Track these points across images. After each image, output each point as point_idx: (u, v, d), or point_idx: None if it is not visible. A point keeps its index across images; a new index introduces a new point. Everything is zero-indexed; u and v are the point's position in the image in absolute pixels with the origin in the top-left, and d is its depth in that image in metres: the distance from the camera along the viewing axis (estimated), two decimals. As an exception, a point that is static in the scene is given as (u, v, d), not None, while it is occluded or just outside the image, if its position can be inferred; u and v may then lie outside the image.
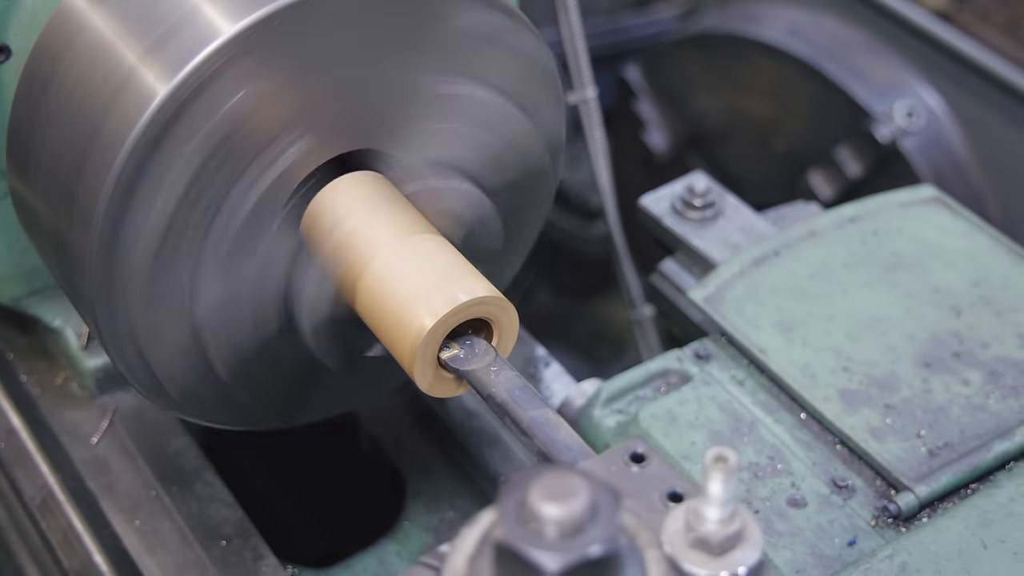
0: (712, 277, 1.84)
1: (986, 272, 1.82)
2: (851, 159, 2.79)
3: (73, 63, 1.51)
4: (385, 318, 1.50)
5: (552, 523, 0.98)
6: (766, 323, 1.76)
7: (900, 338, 1.73)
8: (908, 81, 2.78)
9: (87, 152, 1.46)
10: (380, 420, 2.07)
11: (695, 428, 1.65)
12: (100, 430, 1.93)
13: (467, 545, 1.04)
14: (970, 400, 1.65)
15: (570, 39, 2.46)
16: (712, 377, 1.72)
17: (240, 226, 1.52)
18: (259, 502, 1.93)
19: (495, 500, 1.01)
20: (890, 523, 1.55)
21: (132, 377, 1.58)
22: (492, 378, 1.47)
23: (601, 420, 1.73)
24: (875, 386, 1.67)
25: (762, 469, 1.60)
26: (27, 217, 1.64)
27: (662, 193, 2.04)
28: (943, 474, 1.56)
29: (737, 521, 1.06)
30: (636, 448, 1.24)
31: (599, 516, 0.99)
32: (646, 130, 3.19)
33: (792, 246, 1.87)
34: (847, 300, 1.78)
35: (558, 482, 0.99)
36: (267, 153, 1.49)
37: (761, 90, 2.94)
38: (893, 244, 1.87)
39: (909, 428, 1.62)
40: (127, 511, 1.82)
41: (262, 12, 1.41)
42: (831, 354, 1.71)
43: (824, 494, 1.58)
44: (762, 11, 2.96)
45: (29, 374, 2.01)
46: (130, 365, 1.56)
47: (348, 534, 2.03)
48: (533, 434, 1.41)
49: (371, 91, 1.53)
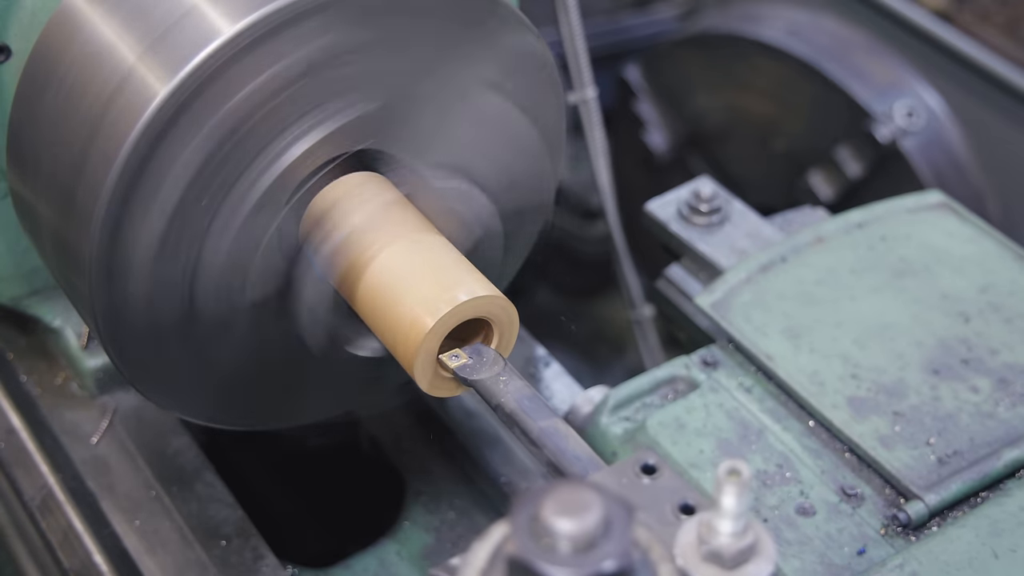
0: (719, 283, 1.82)
1: (995, 278, 1.81)
2: (851, 159, 2.79)
3: (73, 63, 1.51)
4: (385, 318, 1.50)
5: (565, 538, 0.97)
6: (773, 329, 1.74)
7: (908, 345, 1.71)
8: (908, 81, 2.78)
9: (87, 152, 1.46)
10: (380, 420, 2.07)
11: (703, 436, 1.64)
12: (100, 430, 1.93)
13: (479, 559, 1.04)
14: (979, 407, 1.63)
15: (570, 39, 2.46)
16: (720, 384, 1.71)
17: (240, 225, 1.51)
18: (259, 502, 1.93)
19: (507, 513, 1.01)
20: (900, 532, 1.54)
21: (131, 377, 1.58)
22: (501, 388, 1.47)
23: (608, 427, 1.72)
24: (883, 393, 1.66)
25: (770, 477, 1.59)
26: (27, 217, 1.64)
27: (668, 198, 2.02)
28: (953, 482, 1.55)
29: (750, 534, 1.06)
30: (647, 460, 1.23)
31: (612, 531, 0.98)
32: (646, 130, 3.19)
33: (799, 252, 1.86)
34: (855, 306, 1.77)
35: (571, 496, 0.98)
36: (267, 153, 1.49)
37: (761, 90, 2.94)
38: (901, 250, 1.86)
39: (918, 436, 1.61)
40: (127, 511, 1.82)
41: (262, 12, 1.41)
42: (839, 361, 1.70)
43: (833, 502, 1.57)
44: (762, 11, 2.96)
45: (29, 374, 2.01)
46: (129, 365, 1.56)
47: (348, 534, 2.03)
48: (543, 444, 1.41)
49: (371, 91, 1.53)
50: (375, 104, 1.53)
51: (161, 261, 1.49)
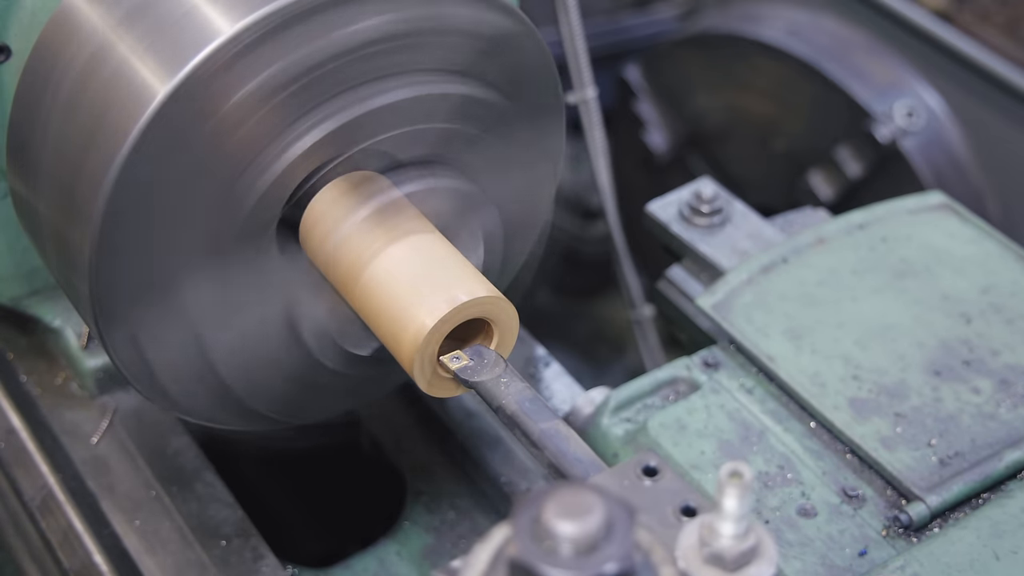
0: (720, 284, 1.82)
1: (996, 279, 1.81)
2: (851, 159, 2.79)
3: (73, 63, 1.51)
4: (385, 318, 1.49)
5: (567, 540, 0.97)
6: (775, 330, 1.74)
7: (910, 346, 1.71)
8: (908, 81, 2.78)
9: (87, 151, 1.46)
10: (380, 420, 2.06)
11: (704, 437, 1.64)
12: (100, 430, 1.92)
13: (480, 562, 1.04)
14: (981, 409, 1.63)
15: (570, 39, 2.45)
16: (721, 385, 1.71)
17: (239, 225, 1.51)
18: (259, 502, 1.93)
19: (508, 515, 1.00)
20: (901, 533, 1.53)
21: (132, 377, 1.58)
22: (502, 390, 1.47)
23: (609, 429, 1.71)
24: (885, 394, 1.65)
25: (772, 478, 1.59)
26: (27, 217, 1.64)
27: (669, 199, 2.02)
28: (954, 484, 1.55)
29: (752, 536, 1.06)
30: (649, 462, 1.23)
31: (614, 533, 0.98)
32: (646, 130, 3.19)
33: (800, 253, 1.85)
34: (856, 307, 1.77)
35: (573, 499, 0.98)
36: (267, 153, 1.49)
37: (761, 90, 2.94)
38: (902, 251, 1.85)
39: (920, 437, 1.60)
40: (127, 511, 1.82)
41: (262, 12, 1.41)
42: (840, 362, 1.70)
43: (834, 504, 1.57)
44: (762, 11, 2.96)
45: (29, 374, 2.00)
46: (129, 365, 1.56)
47: (348, 534, 2.03)
48: (543, 446, 1.41)
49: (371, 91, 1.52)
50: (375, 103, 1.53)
51: (160, 260, 1.48)
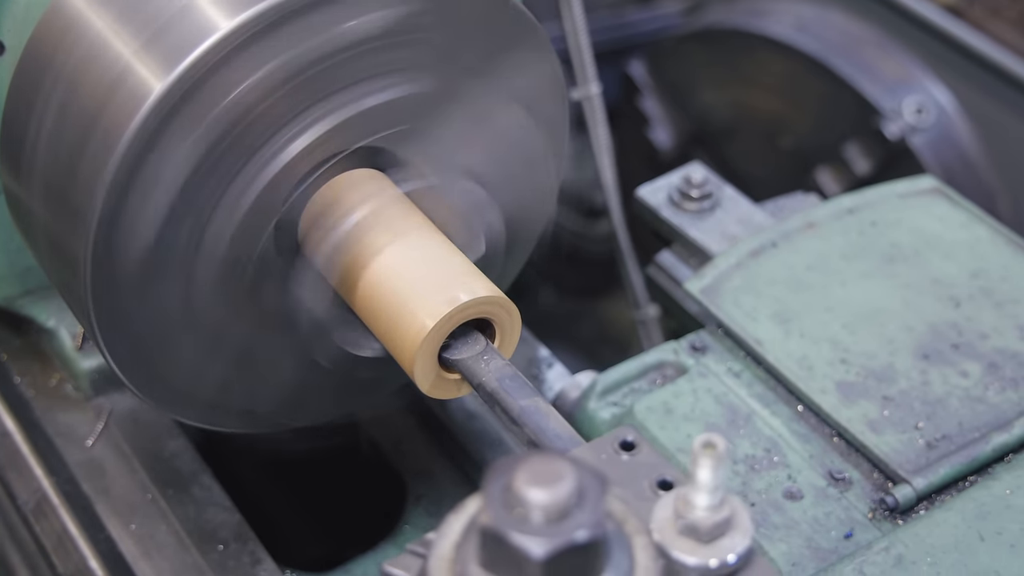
0: (709, 268, 1.83)
1: (985, 263, 1.82)
2: (860, 156, 2.78)
3: (67, 59, 1.50)
4: (385, 318, 1.49)
5: (538, 508, 0.97)
6: (763, 314, 1.76)
7: (898, 330, 1.73)
8: (918, 77, 2.78)
9: (82, 149, 1.45)
10: (380, 422, 2.07)
11: (691, 421, 1.65)
12: (95, 432, 1.92)
13: (453, 531, 1.04)
14: (969, 392, 1.65)
15: (573, 34, 2.46)
16: (708, 369, 1.72)
17: (238, 223, 1.50)
18: (257, 505, 1.92)
19: (481, 485, 1.01)
20: (887, 516, 1.55)
21: (127, 378, 1.57)
22: (482, 367, 1.46)
23: (596, 412, 1.73)
24: (873, 378, 1.67)
25: (758, 462, 1.60)
26: (21, 216, 1.63)
27: (659, 184, 2.03)
28: (941, 466, 1.56)
29: (726, 508, 1.06)
30: (626, 436, 1.24)
31: (585, 501, 0.98)
32: (651, 127, 3.19)
33: (790, 237, 1.86)
34: (845, 291, 1.78)
35: (544, 467, 0.99)
36: (265, 150, 1.48)
37: (768, 86, 2.94)
38: (892, 235, 1.87)
39: (907, 420, 1.62)
40: (123, 515, 1.81)
41: (260, 7, 1.40)
42: (828, 346, 1.71)
43: (821, 487, 1.58)
44: (769, 6, 2.96)
45: (23, 375, 2.00)
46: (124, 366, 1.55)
47: (347, 538, 2.02)
48: (523, 423, 1.41)
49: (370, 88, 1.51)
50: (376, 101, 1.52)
51: (157, 259, 1.47)
